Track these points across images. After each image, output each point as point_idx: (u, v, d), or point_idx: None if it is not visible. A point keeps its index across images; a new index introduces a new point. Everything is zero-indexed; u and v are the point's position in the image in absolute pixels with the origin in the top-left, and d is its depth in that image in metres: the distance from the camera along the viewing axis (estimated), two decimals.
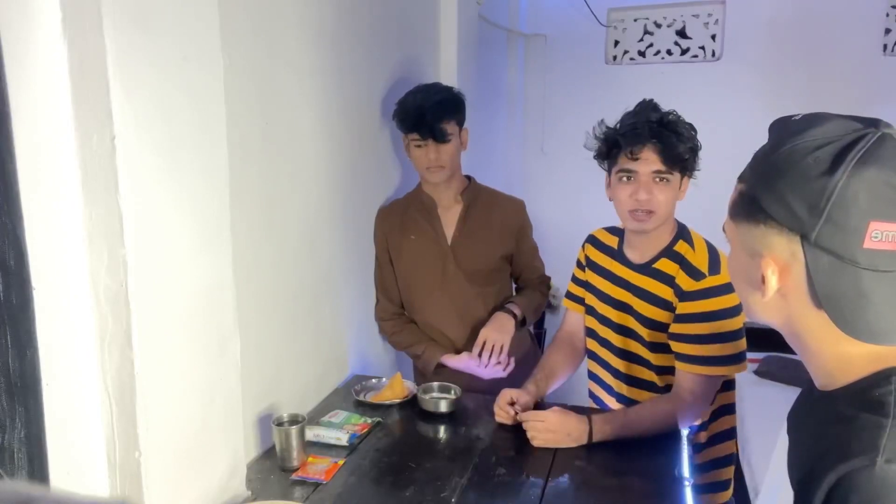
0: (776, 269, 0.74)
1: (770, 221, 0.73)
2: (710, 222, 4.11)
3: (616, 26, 3.73)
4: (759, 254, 0.76)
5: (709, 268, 1.48)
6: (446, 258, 2.00)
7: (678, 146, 1.47)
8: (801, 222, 0.70)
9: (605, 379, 1.71)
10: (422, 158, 1.92)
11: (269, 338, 1.58)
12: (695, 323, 1.47)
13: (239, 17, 1.37)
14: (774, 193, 0.72)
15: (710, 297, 1.46)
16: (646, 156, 1.47)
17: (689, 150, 1.50)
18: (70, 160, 0.92)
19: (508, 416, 1.60)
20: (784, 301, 0.76)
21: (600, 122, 1.57)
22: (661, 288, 1.54)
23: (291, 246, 1.65)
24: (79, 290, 0.96)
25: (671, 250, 1.55)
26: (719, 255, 1.52)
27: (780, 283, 0.75)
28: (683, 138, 1.49)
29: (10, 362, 0.96)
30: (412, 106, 1.89)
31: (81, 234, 0.94)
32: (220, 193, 1.20)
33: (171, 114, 1.06)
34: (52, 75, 0.90)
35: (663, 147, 1.46)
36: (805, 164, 0.70)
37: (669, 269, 1.53)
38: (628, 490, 1.37)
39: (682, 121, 1.52)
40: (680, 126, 1.50)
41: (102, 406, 1.00)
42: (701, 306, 1.46)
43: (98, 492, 1.02)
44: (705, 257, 1.50)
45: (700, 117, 3.64)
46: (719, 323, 1.45)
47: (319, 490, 1.38)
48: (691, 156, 1.51)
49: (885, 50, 3.29)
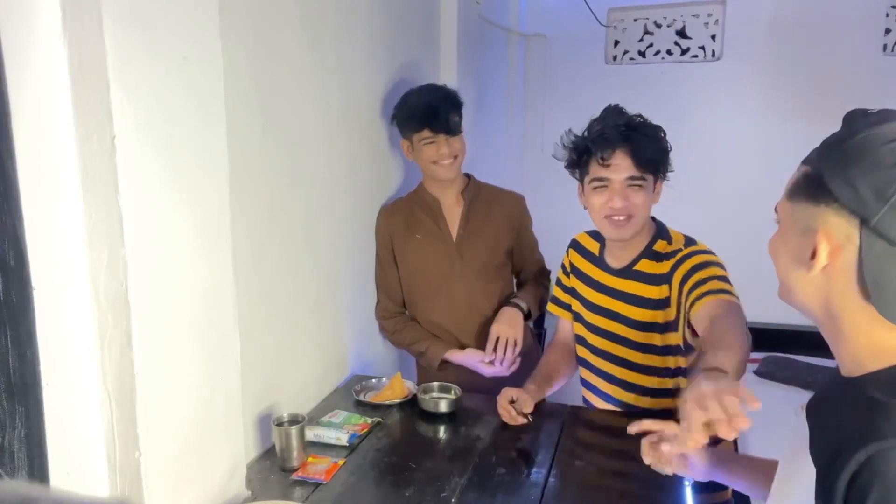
0: (828, 247, 0.78)
1: (833, 203, 0.77)
2: (710, 220, 4.11)
3: (616, 26, 3.73)
4: (814, 231, 0.79)
5: (684, 244, 1.55)
6: (452, 256, 2.01)
7: (648, 149, 1.47)
8: (864, 206, 0.73)
9: (600, 385, 1.70)
10: (434, 154, 1.92)
11: (269, 338, 1.58)
12: (702, 269, 1.47)
13: (239, 17, 1.37)
14: (843, 177, 0.76)
15: (695, 252, 1.51)
16: (617, 161, 1.47)
17: (659, 151, 1.49)
18: (70, 160, 0.92)
19: (512, 417, 1.60)
20: (827, 281, 0.80)
21: (568, 132, 1.56)
22: (647, 288, 1.55)
23: (291, 246, 1.65)
24: (79, 290, 0.96)
25: (651, 251, 1.57)
26: (696, 241, 1.58)
27: (829, 260, 0.78)
28: (653, 140, 1.48)
29: (10, 362, 0.95)
30: (419, 104, 1.91)
31: (81, 234, 0.94)
32: (220, 193, 1.20)
33: (171, 114, 1.06)
34: (52, 75, 0.90)
35: (634, 151, 1.46)
36: (880, 152, 0.74)
37: (651, 268, 1.55)
38: (628, 490, 1.37)
39: (650, 123, 1.51)
40: (648, 129, 1.49)
41: (102, 406, 1.00)
42: (694, 259, 1.50)
43: (98, 492, 1.02)
44: (682, 237, 1.57)
45: (700, 117, 3.68)
46: (718, 267, 1.49)
47: (319, 490, 1.38)
48: (663, 157, 1.50)
49: (885, 50, 3.29)
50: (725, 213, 3.60)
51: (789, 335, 3.52)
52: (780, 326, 3.60)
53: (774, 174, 4.16)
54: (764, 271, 3.91)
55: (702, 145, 3.61)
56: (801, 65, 3.39)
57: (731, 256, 4.01)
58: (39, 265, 0.97)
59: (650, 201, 1.52)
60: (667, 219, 1.64)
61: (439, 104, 1.89)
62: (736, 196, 3.58)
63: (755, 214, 3.54)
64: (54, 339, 0.99)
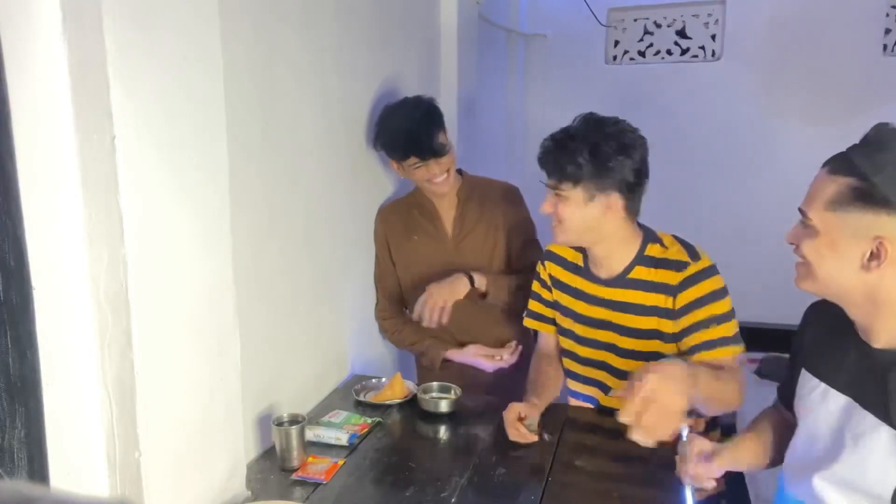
0: (891, 250, 0.93)
1: (892, 210, 0.92)
2: (710, 220, 4.08)
3: (616, 26, 3.73)
4: (875, 237, 0.94)
5: (689, 256, 1.49)
6: (450, 255, 2.01)
7: (565, 164, 1.44)
8: None
9: (594, 395, 1.67)
10: (425, 175, 1.90)
11: (269, 338, 1.58)
12: (700, 308, 1.45)
13: (239, 17, 1.37)
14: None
15: (701, 280, 1.47)
16: (544, 170, 1.51)
17: (579, 167, 1.43)
18: (70, 160, 0.92)
19: (522, 435, 1.53)
20: (881, 276, 0.95)
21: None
22: (645, 296, 1.51)
23: (291, 246, 1.65)
24: (79, 290, 0.96)
25: (643, 256, 1.53)
26: (693, 246, 1.53)
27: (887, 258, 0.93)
28: (573, 155, 1.43)
29: (10, 362, 0.95)
30: (399, 131, 1.85)
31: (81, 234, 0.94)
32: (221, 193, 1.20)
33: (171, 114, 1.07)
34: (52, 75, 0.90)
35: (551, 162, 1.48)
36: None
37: (647, 275, 1.51)
38: (628, 490, 1.37)
39: (593, 134, 1.44)
40: (577, 141, 1.44)
41: (102, 406, 1.00)
42: (697, 291, 1.46)
43: (98, 492, 1.01)
44: (681, 248, 1.52)
45: (700, 117, 3.68)
46: (716, 304, 1.45)
47: (319, 490, 1.38)
48: (588, 173, 1.43)
49: (885, 50, 3.29)
50: (724, 212, 3.61)
51: (789, 335, 3.53)
52: (780, 326, 3.60)
53: (774, 174, 4.19)
54: (764, 271, 3.95)
55: (701, 145, 3.61)
56: (801, 65, 3.39)
57: (731, 256, 4.01)
58: (39, 265, 0.97)
59: (583, 213, 1.47)
60: (667, 218, 1.64)
61: (421, 130, 1.83)
62: (736, 195, 3.58)
63: (755, 214, 3.56)
64: (54, 339, 0.99)
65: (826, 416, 1.06)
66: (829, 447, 1.04)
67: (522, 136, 3.83)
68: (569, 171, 1.44)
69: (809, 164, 3.49)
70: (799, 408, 1.14)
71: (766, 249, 3.63)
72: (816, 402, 1.08)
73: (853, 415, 1.01)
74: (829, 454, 1.04)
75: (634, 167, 1.45)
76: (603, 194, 1.45)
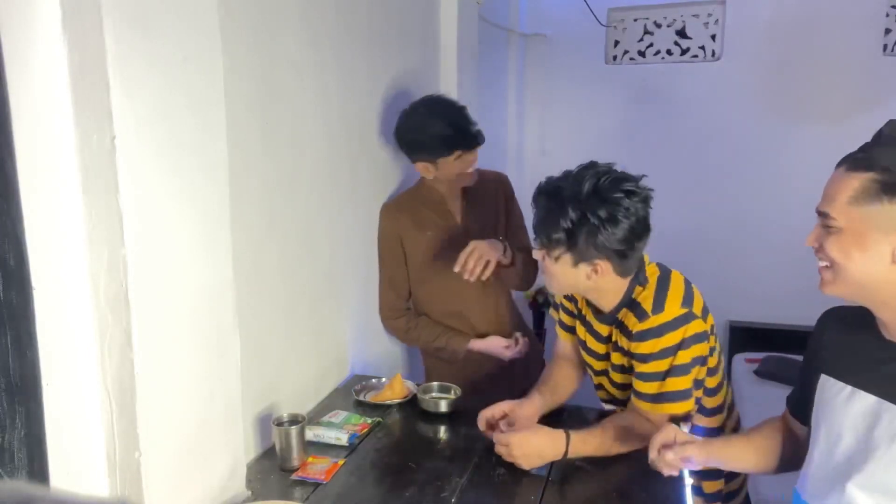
0: None
1: None
2: (710, 220, 4.07)
3: (616, 26, 3.73)
4: None
5: (653, 307, 1.41)
6: (462, 244, 1.99)
7: (550, 231, 1.37)
8: None
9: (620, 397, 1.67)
10: (465, 166, 1.94)
11: (269, 338, 1.58)
12: (649, 362, 1.42)
13: (239, 17, 1.37)
14: None
15: (653, 336, 1.40)
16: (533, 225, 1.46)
17: (564, 235, 1.36)
18: (70, 160, 0.92)
19: (484, 426, 1.55)
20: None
21: None
22: (622, 339, 1.50)
23: (291, 246, 1.65)
24: (79, 290, 0.96)
25: (630, 299, 1.47)
26: (668, 291, 1.43)
27: None
28: (557, 221, 1.35)
29: (10, 362, 0.96)
30: (447, 125, 1.87)
31: (81, 234, 0.94)
32: (220, 193, 1.20)
33: (171, 114, 1.07)
34: (52, 75, 0.90)
35: (538, 222, 1.42)
36: None
37: (628, 319, 1.47)
38: (628, 489, 1.37)
39: (585, 199, 1.34)
40: (565, 205, 1.35)
41: (102, 406, 1.00)
42: (650, 346, 1.41)
43: (98, 492, 1.02)
44: (651, 295, 1.43)
45: (700, 117, 3.67)
46: (668, 360, 1.40)
47: (319, 490, 1.38)
48: (573, 243, 1.36)
49: (885, 50, 3.29)
50: (725, 213, 3.61)
51: (789, 335, 3.53)
52: (780, 326, 3.60)
53: (775, 174, 4.18)
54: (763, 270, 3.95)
55: (701, 145, 3.61)
56: (801, 65, 3.39)
57: (731, 256, 4.01)
58: (39, 265, 0.97)
59: (571, 274, 1.41)
60: (666, 218, 1.62)
61: (463, 122, 1.90)
62: (736, 195, 3.58)
63: (755, 214, 3.56)
64: (54, 339, 0.99)
65: (852, 419, 1.04)
66: (858, 450, 1.03)
67: (522, 137, 3.83)
68: (554, 239, 1.38)
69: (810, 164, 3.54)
70: (819, 415, 1.12)
71: (765, 249, 3.63)
72: (840, 406, 1.06)
73: (884, 414, 1.00)
74: (858, 458, 1.02)
75: (624, 236, 1.35)
76: (589, 262, 1.39)
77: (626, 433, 1.46)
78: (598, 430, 1.46)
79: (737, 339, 3.55)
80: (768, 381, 3.06)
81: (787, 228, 3.58)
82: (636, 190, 1.38)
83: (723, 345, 3.64)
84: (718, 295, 3.66)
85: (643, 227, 1.40)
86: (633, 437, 1.46)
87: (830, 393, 1.09)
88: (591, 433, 1.45)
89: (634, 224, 1.36)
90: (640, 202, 1.38)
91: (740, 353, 3.43)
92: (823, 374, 1.12)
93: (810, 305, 1.29)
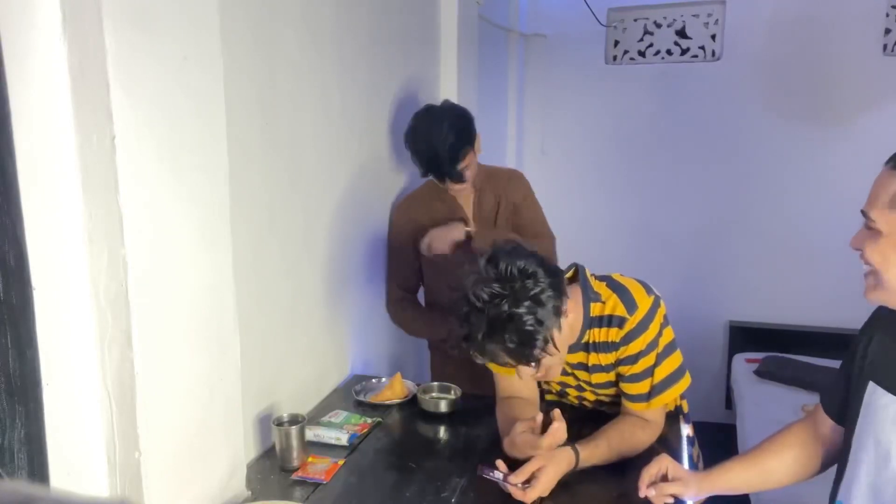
0: None
1: None
2: (710, 220, 4.07)
3: (616, 26, 3.73)
4: None
5: (627, 309, 1.43)
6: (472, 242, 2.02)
7: (524, 349, 1.28)
8: None
9: None
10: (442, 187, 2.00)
11: (269, 338, 1.58)
12: (639, 360, 1.44)
13: (239, 17, 1.37)
14: None
15: (639, 333, 1.43)
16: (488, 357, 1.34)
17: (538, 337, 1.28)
18: (70, 160, 0.92)
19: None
20: None
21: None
22: (602, 357, 1.49)
23: (291, 246, 1.65)
24: (79, 290, 0.96)
25: (590, 318, 1.46)
26: (627, 289, 1.45)
27: None
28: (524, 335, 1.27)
29: (10, 362, 0.95)
30: (425, 149, 1.91)
31: (81, 234, 0.94)
32: (220, 193, 1.20)
33: (171, 114, 1.07)
34: (52, 75, 0.90)
35: (510, 354, 1.30)
36: None
37: (599, 336, 1.47)
38: (627, 489, 1.37)
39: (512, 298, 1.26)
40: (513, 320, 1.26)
41: (102, 406, 1.00)
42: (638, 345, 1.43)
43: (98, 492, 1.01)
44: (617, 301, 1.44)
45: (700, 117, 3.67)
46: (657, 349, 1.44)
47: (319, 490, 1.38)
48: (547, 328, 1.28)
49: (885, 50, 3.29)
50: (725, 213, 3.61)
51: (789, 335, 3.53)
52: (780, 326, 3.60)
53: (774, 174, 4.17)
54: (763, 270, 3.95)
55: (701, 145, 3.61)
56: (801, 65, 3.39)
57: (731, 256, 4.01)
58: (39, 265, 0.97)
59: (562, 344, 1.36)
60: (666, 218, 1.62)
61: (443, 157, 1.88)
62: (736, 195, 3.58)
63: (755, 214, 3.56)
64: (54, 339, 0.99)
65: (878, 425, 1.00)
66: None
67: (522, 137, 3.83)
68: (540, 346, 1.28)
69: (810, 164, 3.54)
70: (865, 425, 1.06)
71: (765, 249, 3.63)
72: (891, 421, 1.01)
73: None
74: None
75: (552, 267, 1.34)
76: (564, 318, 1.33)
77: (628, 441, 1.47)
78: (602, 442, 1.44)
79: (737, 339, 3.55)
80: (768, 381, 3.06)
81: (787, 228, 3.59)
82: (511, 250, 1.32)
83: (723, 345, 3.64)
84: (718, 295, 3.69)
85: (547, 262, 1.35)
86: (635, 443, 1.47)
87: (879, 404, 1.03)
88: (596, 446, 1.43)
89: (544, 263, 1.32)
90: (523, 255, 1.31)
91: (740, 353, 3.43)
92: (872, 382, 1.06)
93: (810, 305, 1.29)
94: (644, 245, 3.68)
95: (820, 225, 3.38)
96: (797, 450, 1.24)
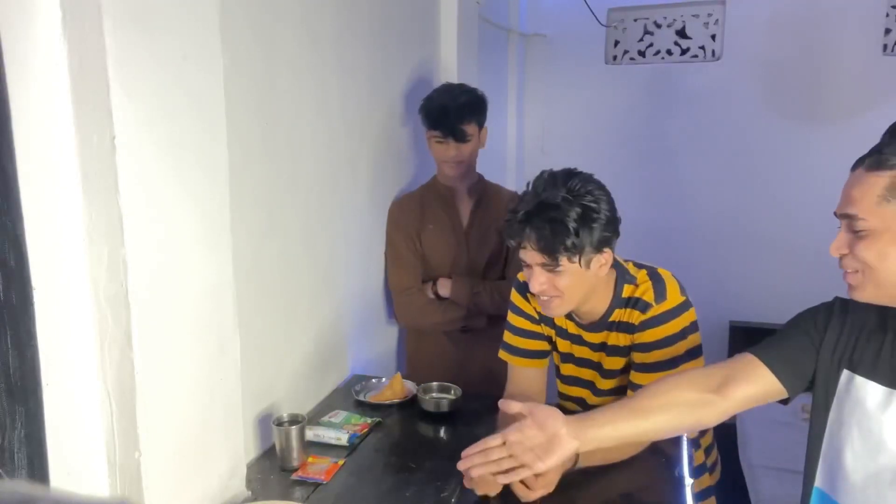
0: None
1: None
2: (710, 220, 4.06)
3: (616, 26, 3.73)
4: None
5: (655, 297, 1.44)
6: (461, 246, 2.08)
7: (554, 238, 1.31)
8: None
9: None
10: (441, 154, 2.02)
11: (269, 338, 1.58)
12: (652, 351, 1.44)
13: (239, 17, 1.37)
14: None
15: (657, 325, 1.43)
16: (526, 247, 1.36)
17: (577, 238, 1.32)
18: (70, 160, 0.92)
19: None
20: None
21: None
22: (621, 337, 1.49)
23: (291, 246, 1.65)
24: (79, 289, 0.96)
25: (620, 299, 1.47)
26: (664, 281, 1.46)
27: None
28: (559, 224, 1.31)
29: (10, 362, 0.95)
30: (437, 104, 1.98)
31: (81, 234, 0.94)
32: (221, 193, 1.20)
33: (171, 114, 1.07)
34: (52, 75, 0.90)
35: (537, 238, 1.33)
36: None
37: (626, 316, 1.47)
38: (628, 489, 1.37)
39: (569, 199, 1.32)
40: (557, 210, 1.31)
41: (102, 406, 1.00)
42: (652, 335, 1.43)
43: (98, 492, 1.01)
44: (650, 287, 1.45)
45: (700, 117, 3.67)
46: (675, 347, 1.42)
47: (319, 490, 1.38)
48: (587, 241, 1.33)
49: (885, 50, 3.29)
50: (725, 213, 3.61)
51: None
52: (780, 326, 3.60)
53: (774, 173, 4.17)
54: (763, 270, 3.94)
55: (701, 145, 3.61)
56: (800, 65, 3.39)
57: (731, 256, 4.01)
58: (39, 265, 0.97)
59: (580, 280, 1.37)
60: (666, 218, 1.62)
61: (453, 110, 1.94)
62: (736, 195, 3.58)
63: (755, 213, 3.56)
64: (54, 339, 0.99)
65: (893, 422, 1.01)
66: None
67: (522, 137, 3.83)
68: (568, 245, 1.32)
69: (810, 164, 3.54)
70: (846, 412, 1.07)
71: (766, 249, 3.63)
72: (876, 409, 1.02)
73: None
74: None
75: (616, 215, 1.39)
76: (600, 254, 1.37)
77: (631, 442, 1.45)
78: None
79: (737, 339, 3.55)
80: None
81: (787, 228, 3.59)
82: (590, 177, 1.39)
83: (723, 345, 3.64)
84: (718, 295, 3.69)
85: (614, 206, 1.41)
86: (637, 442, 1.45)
87: (860, 393, 1.04)
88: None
89: (610, 204, 1.39)
90: (598, 187, 1.38)
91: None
92: (847, 370, 1.07)
93: (810, 306, 1.29)
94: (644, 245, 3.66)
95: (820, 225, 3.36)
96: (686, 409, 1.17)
